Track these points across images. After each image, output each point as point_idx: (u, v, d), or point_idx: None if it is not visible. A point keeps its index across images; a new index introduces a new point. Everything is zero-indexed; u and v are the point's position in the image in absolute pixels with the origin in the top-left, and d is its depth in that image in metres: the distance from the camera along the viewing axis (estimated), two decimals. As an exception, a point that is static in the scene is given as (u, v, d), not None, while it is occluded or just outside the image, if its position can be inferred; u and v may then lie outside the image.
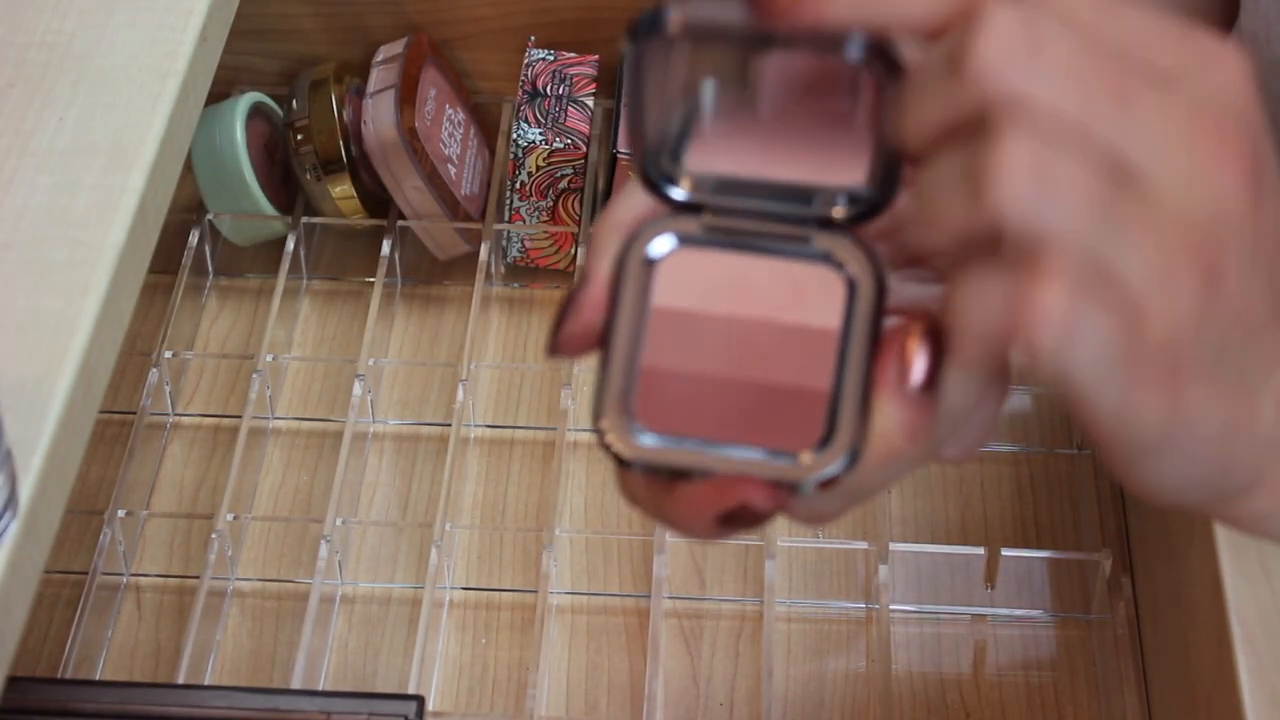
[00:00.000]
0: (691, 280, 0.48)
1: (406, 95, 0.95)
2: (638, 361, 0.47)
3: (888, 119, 0.44)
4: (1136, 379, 0.42)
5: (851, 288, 0.47)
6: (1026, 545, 0.90)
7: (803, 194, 0.48)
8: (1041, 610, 0.88)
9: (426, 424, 0.96)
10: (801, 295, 0.47)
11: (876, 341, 0.46)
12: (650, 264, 0.48)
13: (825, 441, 0.45)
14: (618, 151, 0.95)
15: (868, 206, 0.47)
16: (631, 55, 0.45)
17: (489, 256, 0.98)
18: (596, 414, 0.47)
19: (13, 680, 0.74)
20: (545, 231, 0.99)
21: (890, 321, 0.46)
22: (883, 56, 0.44)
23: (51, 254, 0.65)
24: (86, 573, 0.86)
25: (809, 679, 0.85)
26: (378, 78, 0.96)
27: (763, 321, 0.48)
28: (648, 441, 0.46)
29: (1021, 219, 0.41)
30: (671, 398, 0.47)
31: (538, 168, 0.96)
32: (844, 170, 0.47)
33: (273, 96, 1.02)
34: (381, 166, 0.95)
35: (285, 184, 1.01)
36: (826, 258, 0.47)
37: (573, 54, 1.00)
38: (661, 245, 0.48)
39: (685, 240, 0.48)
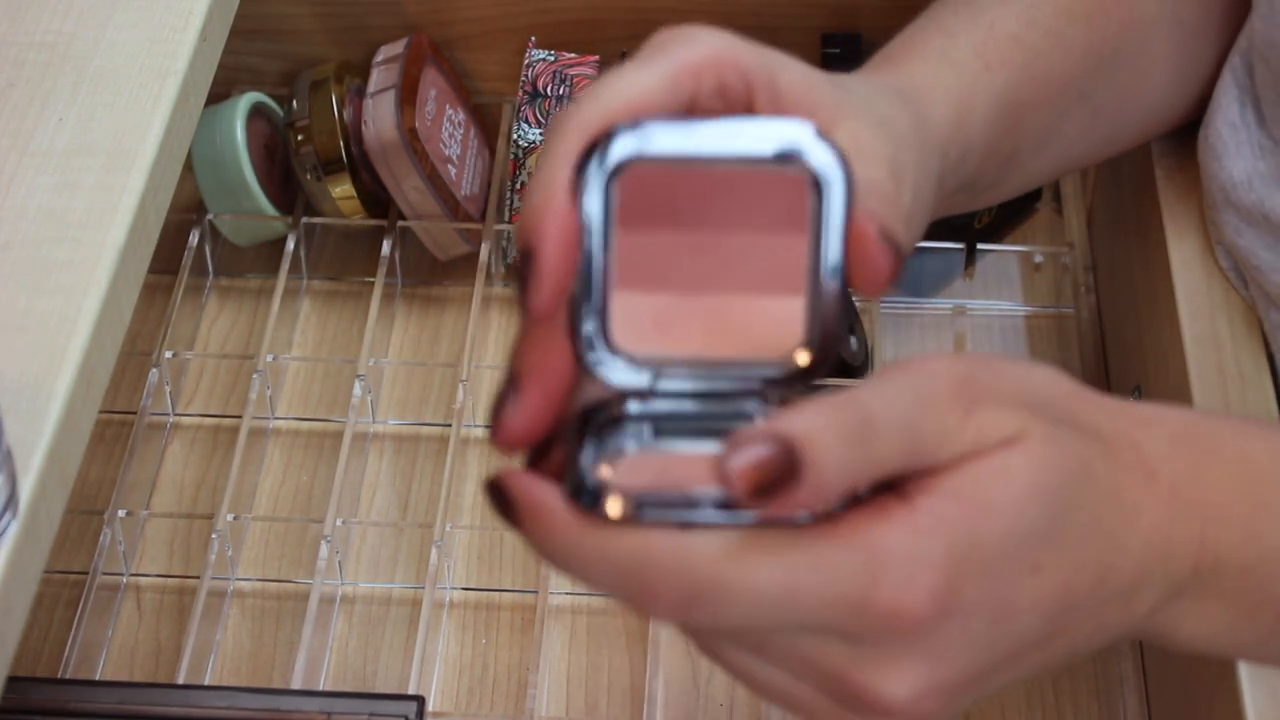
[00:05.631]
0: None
1: (407, 95, 0.95)
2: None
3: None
4: None
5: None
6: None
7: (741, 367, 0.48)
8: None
9: (426, 424, 0.96)
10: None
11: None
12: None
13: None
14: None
15: (813, 363, 0.47)
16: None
17: (489, 257, 0.98)
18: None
19: (13, 680, 0.75)
20: (545, 232, 0.98)
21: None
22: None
23: (51, 254, 0.65)
24: (86, 573, 0.86)
25: (809, 679, 0.85)
26: (378, 78, 0.96)
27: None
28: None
29: None
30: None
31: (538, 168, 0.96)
32: (779, 339, 0.47)
33: (273, 96, 1.01)
34: (381, 167, 0.95)
35: (285, 184, 1.01)
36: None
37: (573, 54, 1.00)
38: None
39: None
